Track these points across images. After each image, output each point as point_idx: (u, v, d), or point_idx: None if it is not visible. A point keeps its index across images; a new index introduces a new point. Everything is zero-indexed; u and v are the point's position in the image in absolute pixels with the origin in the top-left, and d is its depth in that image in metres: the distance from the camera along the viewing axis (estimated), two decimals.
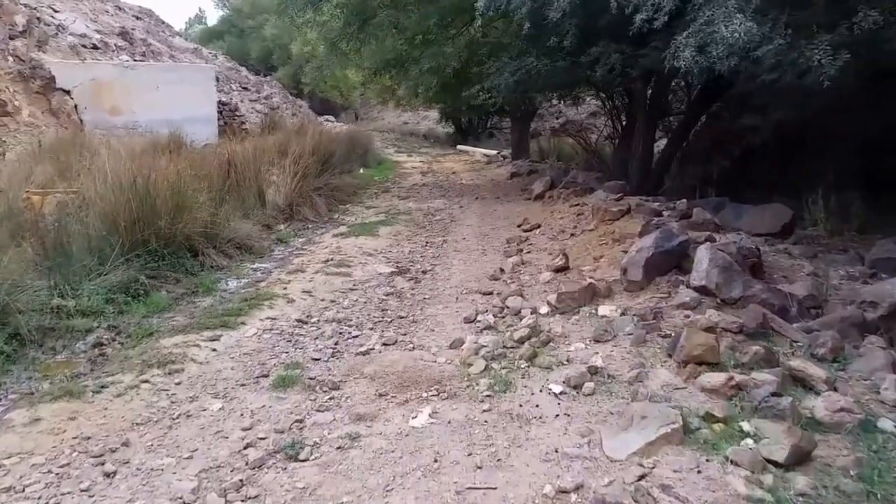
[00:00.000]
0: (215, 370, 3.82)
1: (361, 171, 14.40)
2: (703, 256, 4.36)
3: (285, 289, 5.44)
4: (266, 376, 3.74)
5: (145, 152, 9.48)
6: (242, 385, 3.64)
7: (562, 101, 21.78)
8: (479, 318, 4.58)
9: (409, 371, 3.68)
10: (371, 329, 4.54)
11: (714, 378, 3.12)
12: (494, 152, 17.69)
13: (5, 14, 14.63)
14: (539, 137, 19.79)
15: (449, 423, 3.07)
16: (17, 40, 14.36)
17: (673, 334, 3.73)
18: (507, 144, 20.71)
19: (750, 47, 6.09)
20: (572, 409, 3.07)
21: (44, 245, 5.29)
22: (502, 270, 5.95)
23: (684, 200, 7.44)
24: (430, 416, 3.11)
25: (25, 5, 15.36)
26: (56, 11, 16.18)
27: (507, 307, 4.74)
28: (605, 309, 4.36)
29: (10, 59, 13.87)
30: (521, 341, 3.96)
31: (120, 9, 18.78)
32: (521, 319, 4.44)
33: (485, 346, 3.90)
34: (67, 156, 9.68)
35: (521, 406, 3.17)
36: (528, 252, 6.70)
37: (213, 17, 37.89)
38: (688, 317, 3.97)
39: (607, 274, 5.19)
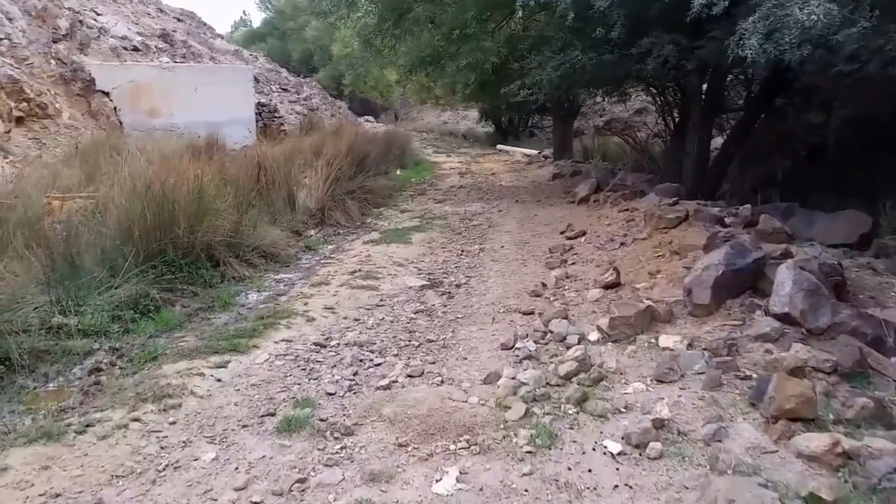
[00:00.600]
0: (216, 406, 3.32)
1: (398, 172, 13.92)
2: (785, 278, 3.66)
3: (306, 304, 4.93)
4: (272, 415, 3.22)
5: (177, 155, 9.17)
6: (244, 426, 3.12)
7: (606, 98, 20.93)
8: (518, 345, 3.98)
9: (436, 414, 3.11)
10: (395, 355, 3.98)
11: (814, 441, 2.45)
12: (535, 152, 16.99)
13: (49, 18, 14.62)
14: (582, 136, 19.00)
15: (481, 490, 2.48)
16: (60, 43, 14.32)
17: (754, 375, 3.07)
18: (549, 144, 19.96)
19: (828, 32, 5.34)
20: (635, 479, 2.44)
21: (52, 255, 4.90)
22: (544, 285, 5.32)
23: (748, 206, 6.68)
24: (457, 479, 2.53)
25: (70, 9, 15.34)
26: (98, 14, 16.15)
27: (551, 331, 4.12)
28: (667, 339, 3.71)
29: (53, 62, 13.84)
30: (568, 378, 3.34)
31: (162, 11, 18.72)
32: (567, 348, 3.82)
33: (525, 384, 3.28)
34: (99, 159, 9.43)
35: (569, 470, 2.56)
36: (573, 263, 6.06)
37: (258, 20, 38.02)
38: (769, 352, 3.29)
39: (666, 293, 4.52)
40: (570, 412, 3.00)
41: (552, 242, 7.04)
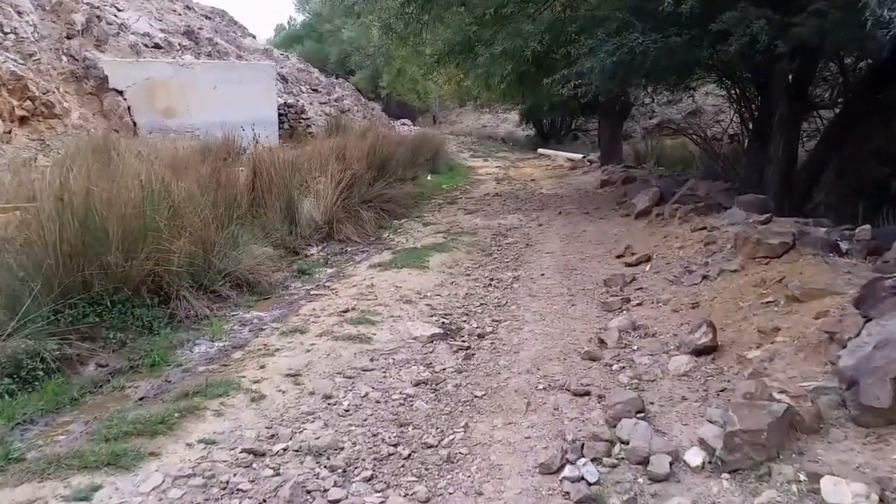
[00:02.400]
0: None
1: (429, 177, 12.39)
2: None
3: (262, 368, 3.40)
4: None
5: (186, 158, 7.83)
6: None
7: (654, 98, 18.89)
8: (567, 470, 2.36)
9: None
10: (367, 479, 2.41)
11: None
12: (580, 156, 15.22)
13: (63, 12, 13.57)
14: (630, 140, 17.12)
15: None
16: (74, 39, 13.26)
17: None
18: (594, 147, 18.12)
19: None
20: None
21: None
22: (602, 342, 3.67)
23: (866, 228, 4.89)
24: None
25: (88, 4, 14.26)
26: (119, 10, 15.09)
27: (622, 441, 2.49)
28: (834, 484, 2.04)
29: (64, 58, 12.77)
30: None
31: (189, 8, 17.62)
32: (652, 481, 2.20)
33: None
34: (92, 162, 8.14)
35: None
36: (639, 304, 4.38)
37: (300, 23, 37.09)
38: None
39: (798, 371, 2.83)
40: None
41: (607, 270, 5.37)
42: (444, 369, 3.45)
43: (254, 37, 19.99)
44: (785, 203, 7.02)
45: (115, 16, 14.95)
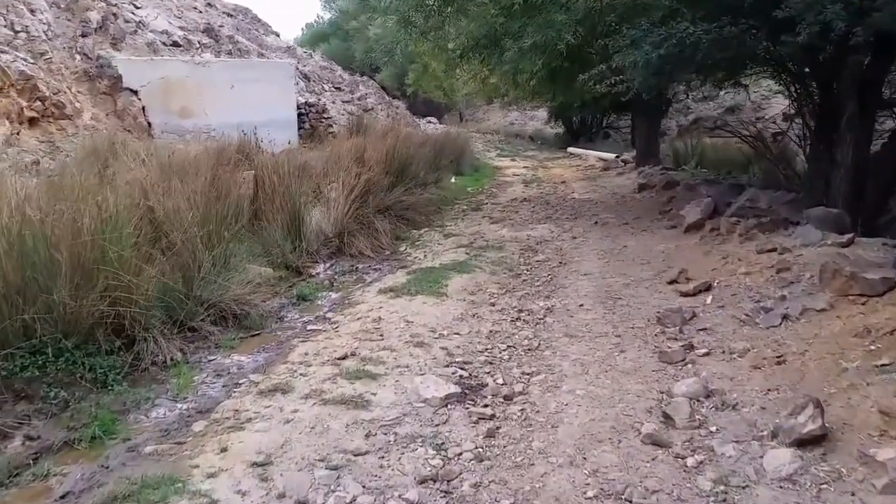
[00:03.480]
0: None
1: (453, 179, 11.52)
2: None
3: (224, 452, 2.58)
4: None
5: (197, 161, 7.11)
6: None
7: (689, 92, 17.61)
8: None
9: None
10: None
11: None
12: (612, 156, 14.17)
13: (79, 10, 12.99)
14: (663, 138, 15.99)
15: None
16: (89, 38, 12.67)
17: None
18: (626, 146, 17.01)
19: None
20: None
21: None
22: (668, 419, 2.77)
23: None
24: None
25: (105, 1, 13.66)
26: (138, 7, 14.49)
27: None
28: None
29: (78, 57, 12.18)
30: None
31: (210, 5, 16.95)
32: None
33: None
34: (89, 167, 7.50)
35: None
36: (706, 353, 3.46)
37: (326, 21, 36.39)
38: None
39: None
40: None
41: (658, 300, 4.44)
42: (460, 455, 2.58)
43: (277, 35, 19.30)
44: (855, 215, 6.00)
45: (133, 13, 14.35)
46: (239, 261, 4.88)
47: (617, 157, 13.79)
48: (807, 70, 6.67)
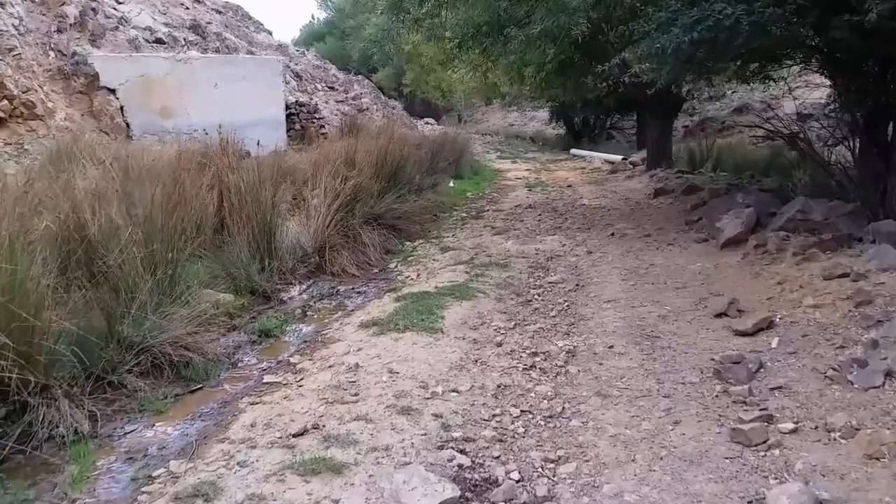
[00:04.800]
0: None
1: (452, 184, 10.55)
2: None
3: None
4: None
5: (170, 165, 6.14)
6: None
7: (695, 91, 16.60)
8: None
9: None
10: None
11: None
12: (619, 157, 13.19)
13: (54, 4, 11.97)
14: (672, 137, 14.98)
15: None
16: (65, 34, 11.68)
17: None
18: (631, 147, 16.03)
19: None
20: None
21: None
22: None
23: None
24: None
25: None
26: (119, 3, 13.48)
27: None
28: None
29: (52, 53, 11.18)
30: None
31: (199, 1, 15.95)
32: None
33: None
34: (45, 173, 6.58)
35: None
36: (792, 429, 2.48)
37: (322, 20, 35.39)
38: None
39: None
40: None
41: (708, 340, 3.47)
42: None
43: (270, 33, 18.30)
44: None
45: (115, 9, 13.34)
46: (188, 287, 3.90)
47: (624, 159, 12.81)
48: (859, 60, 5.69)
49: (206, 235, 4.93)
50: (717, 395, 2.84)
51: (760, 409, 2.63)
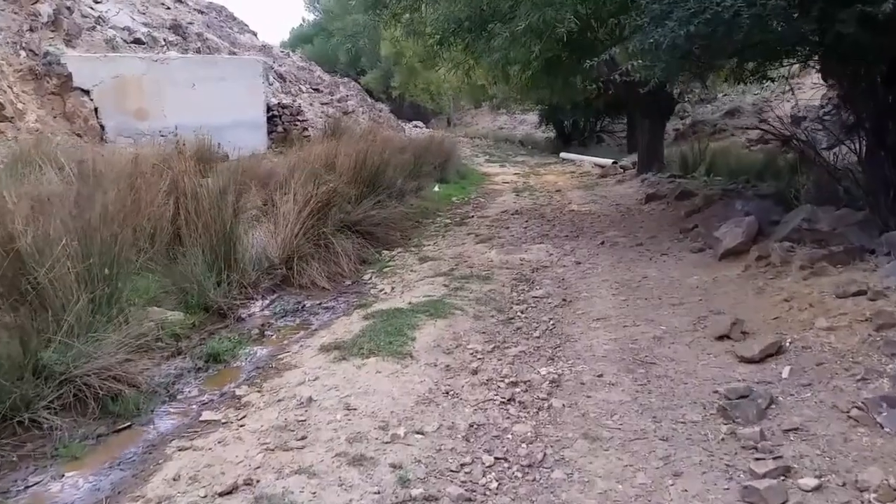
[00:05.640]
0: None
1: (437, 188, 10.13)
2: None
3: None
4: None
5: (135, 170, 5.66)
6: None
7: (686, 98, 16.26)
8: None
9: None
10: None
11: None
12: (609, 161, 12.81)
13: (26, 2, 11.45)
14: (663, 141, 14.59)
15: None
16: (37, 33, 11.17)
17: None
18: (621, 150, 15.67)
19: None
20: None
21: None
22: None
23: None
24: None
25: None
26: (97, 2, 12.98)
27: None
28: None
29: (23, 53, 10.66)
30: None
31: (180, 1, 15.44)
32: None
33: None
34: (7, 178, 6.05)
35: None
36: (816, 486, 2.07)
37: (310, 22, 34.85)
38: None
39: None
40: None
41: (709, 368, 3.04)
42: None
43: (255, 34, 17.82)
44: None
45: (92, 8, 12.84)
46: (129, 305, 3.45)
47: (614, 162, 12.43)
48: (868, 57, 5.29)
49: (161, 246, 4.49)
50: (723, 439, 2.41)
51: (775, 459, 2.21)
